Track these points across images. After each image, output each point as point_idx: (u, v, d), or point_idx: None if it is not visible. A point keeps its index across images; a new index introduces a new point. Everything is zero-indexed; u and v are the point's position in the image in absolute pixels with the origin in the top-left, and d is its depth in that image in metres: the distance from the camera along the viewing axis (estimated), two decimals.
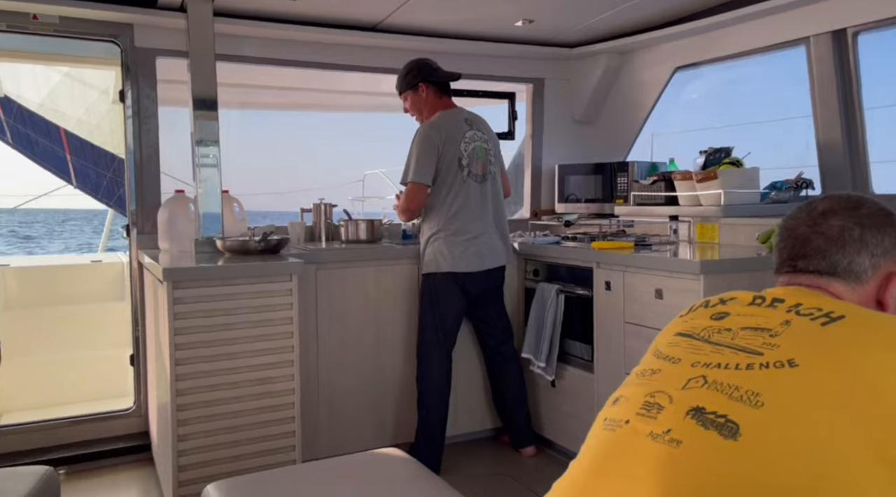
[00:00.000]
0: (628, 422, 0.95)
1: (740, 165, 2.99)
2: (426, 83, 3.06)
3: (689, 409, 0.90)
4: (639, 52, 3.81)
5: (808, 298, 1.03)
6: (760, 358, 0.92)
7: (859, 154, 2.90)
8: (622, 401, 1.01)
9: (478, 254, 2.98)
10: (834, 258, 1.10)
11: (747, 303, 1.06)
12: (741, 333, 0.98)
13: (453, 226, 2.96)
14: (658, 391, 0.96)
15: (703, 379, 0.93)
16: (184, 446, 2.50)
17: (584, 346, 3.00)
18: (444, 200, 2.97)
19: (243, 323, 2.58)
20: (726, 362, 0.94)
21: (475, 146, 3.01)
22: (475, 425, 3.36)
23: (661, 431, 0.90)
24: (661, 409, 0.93)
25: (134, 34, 3.17)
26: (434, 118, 3.04)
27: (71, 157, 4.60)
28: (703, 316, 1.09)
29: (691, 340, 1.03)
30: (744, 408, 0.87)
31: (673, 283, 2.48)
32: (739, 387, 0.89)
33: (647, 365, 1.05)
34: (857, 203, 1.14)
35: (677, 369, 0.98)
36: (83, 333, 4.03)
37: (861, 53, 2.83)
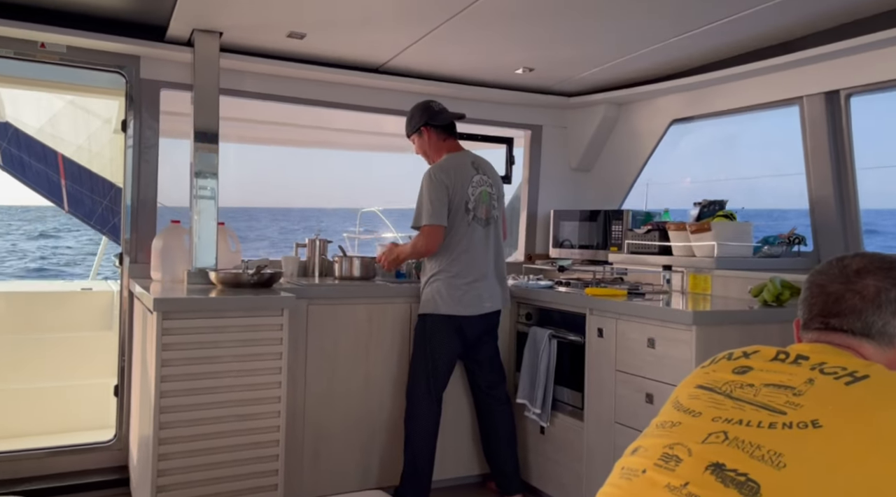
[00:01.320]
0: (645, 472, 0.94)
1: (734, 219, 3.02)
2: (427, 127, 3.10)
3: (709, 465, 0.89)
4: (636, 104, 3.88)
5: (833, 357, 1.02)
6: (784, 417, 0.91)
7: (851, 213, 2.93)
8: (641, 451, 0.99)
9: (477, 297, 2.98)
10: (870, 319, 1.08)
11: (770, 358, 1.05)
12: (763, 390, 0.97)
13: (455, 268, 2.96)
14: (677, 443, 0.95)
15: (724, 435, 0.92)
16: (163, 482, 2.44)
17: (573, 393, 2.97)
18: (448, 242, 2.97)
19: (232, 356, 2.55)
20: (748, 419, 0.93)
21: (482, 190, 3.04)
22: (462, 470, 3.30)
23: (679, 484, 0.88)
24: (679, 461, 0.92)
25: (140, 66, 3.21)
26: (442, 161, 3.05)
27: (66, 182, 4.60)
28: (726, 369, 1.07)
29: (712, 394, 1.02)
30: (765, 468, 0.85)
31: (665, 332, 2.47)
32: (762, 446, 0.88)
33: (667, 416, 1.04)
34: (892, 264, 1.13)
35: (697, 423, 0.97)
36: (68, 362, 3.97)
37: (853, 115, 2.89)
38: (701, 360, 2.33)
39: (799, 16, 2.71)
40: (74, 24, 2.96)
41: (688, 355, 2.36)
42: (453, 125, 3.14)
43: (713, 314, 2.41)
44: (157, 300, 2.43)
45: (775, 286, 2.56)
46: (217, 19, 2.91)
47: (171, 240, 3.14)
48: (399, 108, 3.76)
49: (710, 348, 2.35)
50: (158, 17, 2.96)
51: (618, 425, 2.69)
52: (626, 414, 2.64)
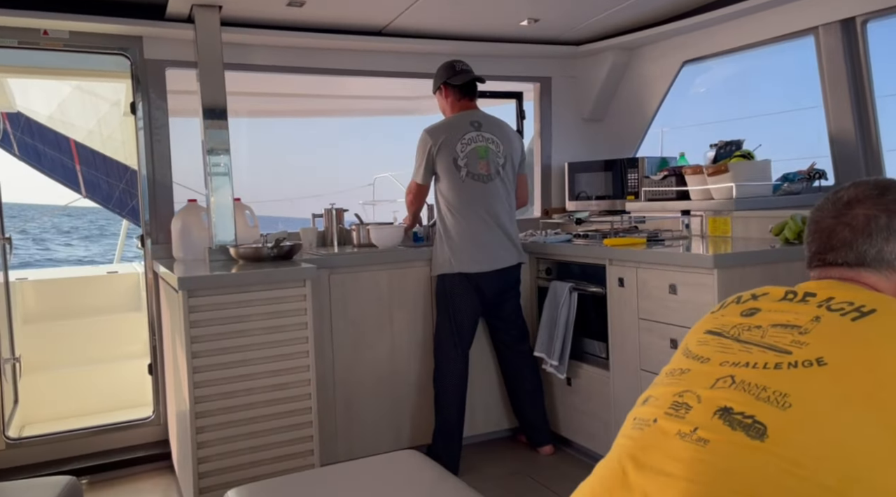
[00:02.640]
0: (656, 421, 0.95)
1: (752, 158, 2.97)
2: (446, 86, 3.10)
3: (717, 409, 0.90)
4: (645, 48, 3.80)
5: (840, 291, 1.01)
6: (789, 357, 0.91)
7: (872, 143, 2.87)
8: (651, 400, 1.00)
9: (486, 253, 2.99)
10: (861, 248, 1.07)
11: (779, 298, 1.05)
12: (770, 331, 0.97)
13: (456, 226, 2.99)
14: (686, 390, 0.96)
15: (731, 378, 0.93)
16: (203, 453, 2.52)
17: (598, 344, 2.99)
18: (447, 201, 3.01)
19: (258, 329, 2.60)
20: (755, 361, 0.93)
21: (475, 147, 3.02)
22: (492, 425, 3.36)
23: (689, 430, 0.89)
24: (689, 408, 0.93)
25: (143, 46, 3.20)
26: (444, 120, 3.07)
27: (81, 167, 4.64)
28: (734, 312, 1.07)
29: (721, 338, 1.02)
30: (771, 409, 0.86)
31: (686, 277, 2.47)
32: (767, 387, 0.88)
33: (677, 364, 1.04)
34: (884, 189, 1.11)
35: (706, 368, 0.98)
36: (101, 344, 4.08)
37: (871, 41, 2.80)
38: None
39: None
40: (75, 8, 2.95)
41: (710, 299, 2.36)
42: (472, 86, 3.13)
43: (734, 256, 2.40)
44: (181, 279, 2.47)
45: (796, 223, 2.53)
46: None
47: (190, 218, 3.17)
48: (405, 70, 3.72)
49: (732, 290, 2.34)
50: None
51: (643, 372, 2.70)
52: (651, 361, 2.66)
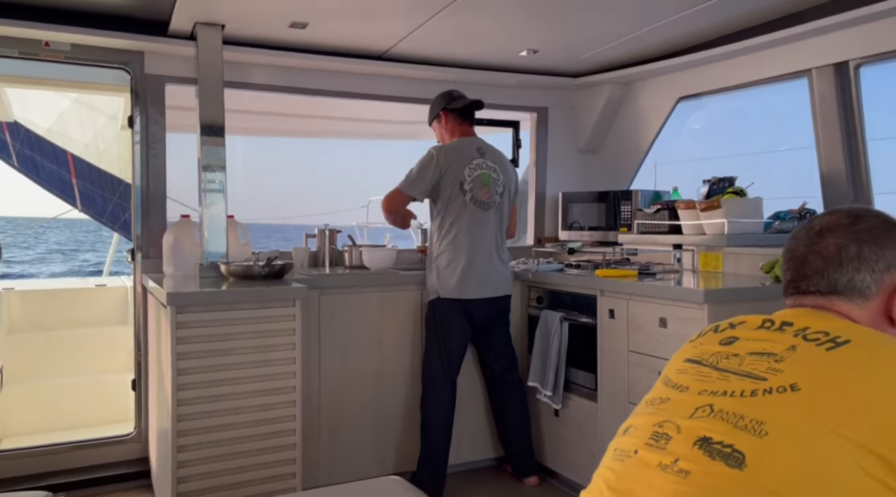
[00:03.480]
0: (637, 452, 0.95)
1: (744, 195, 3.00)
2: (445, 111, 3.13)
3: (697, 439, 0.90)
4: (642, 83, 3.85)
5: (815, 321, 1.02)
6: (765, 383, 0.92)
7: (863, 185, 2.90)
8: (632, 430, 1.00)
9: (478, 281, 2.99)
10: (832, 277, 1.08)
11: (756, 326, 1.06)
12: (748, 359, 0.98)
13: (453, 250, 2.98)
14: (666, 420, 0.96)
15: (710, 407, 0.93)
16: (183, 473, 2.48)
17: (587, 375, 2.98)
18: (445, 223, 3.00)
19: (246, 348, 2.58)
20: (732, 389, 0.94)
21: (481, 173, 3.03)
22: (478, 454, 3.32)
23: (670, 462, 0.90)
24: (669, 439, 0.93)
25: (144, 61, 3.21)
26: (447, 144, 3.09)
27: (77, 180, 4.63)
28: (713, 341, 1.08)
29: (699, 367, 1.03)
30: (748, 437, 0.87)
31: (677, 311, 2.47)
32: (745, 415, 0.89)
33: (657, 393, 1.05)
34: (856, 218, 1.11)
35: (685, 398, 0.98)
36: (85, 358, 4.02)
37: (863, 85, 2.85)
38: None
39: None
40: (78, 21, 2.97)
41: None
42: (471, 112, 3.16)
43: (725, 292, 2.41)
44: (170, 294, 2.45)
45: None
46: (218, 12, 2.91)
47: (182, 234, 3.16)
48: (404, 95, 3.76)
49: None
50: (160, 11, 2.97)
51: (631, 405, 2.69)
52: (640, 394, 2.64)
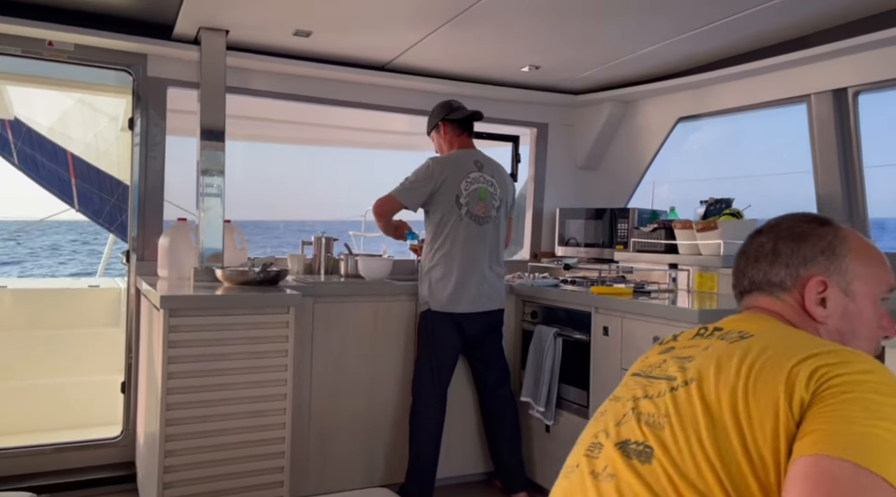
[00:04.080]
0: (578, 465, 1.00)
1: (740, 217, 3.01)
2: (445, 122, 3.13)
3: (618, 443, 0.96)
4: (642, 102, 3.87)
5: (743, 323, 1.04)
6: (674, 382, 0.97)
7: (859, 211, 2.92)
8: (577, 445, 1.06)
9: (471, 295, 2.99)
10: (750, 274, 1.12)
11: (691, 336, 1.10)
12: (670, 362, 1.02)
13: (446, 263, 2.98)
14: (601, 431, 1.02)
15: (633, 411, 0.99)
16: (170, 478, 2.45)
17: (579, 392, 2.97)
18: (440, 236, 3.00)
19: (238, 354, 2.56)
20: (652, 392, 0.99)
21: (477, 187, 3.04)
22: (467, 468, 3.31)
23: (601, 469, 0.94)
24: (601, 448, 0.98)
25: (147, 64, 3.22)
26: (446, 155, 3.10)
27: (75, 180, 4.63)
28: (655, 353, 1.12)
29: (638, 378, 1.08)
30: (656, 431, 0.92)
31: (671, 331, 2.46)
32: (655, 413, 0.95)
33: (601, 407, 1.11)
34: (785, 219, 1.15)
35: (617, 407, 1.05)
36: (75, 358, 4.00)
37: (861, 112, 2.87)
38: None
39: (806, 13, 2.69)
40: (82, 22, 2.98)
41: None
42: (470, 124, 3.17)
43: (719, 313, 2.41)
44: (163, 297, 2.44)
45: None
46: (223, 17, 2.92)
47: (178, 237, 3.15)
48: (405, 106, 3.77)
49: None
50: (165, 15, 2.98)
51: None
52: None
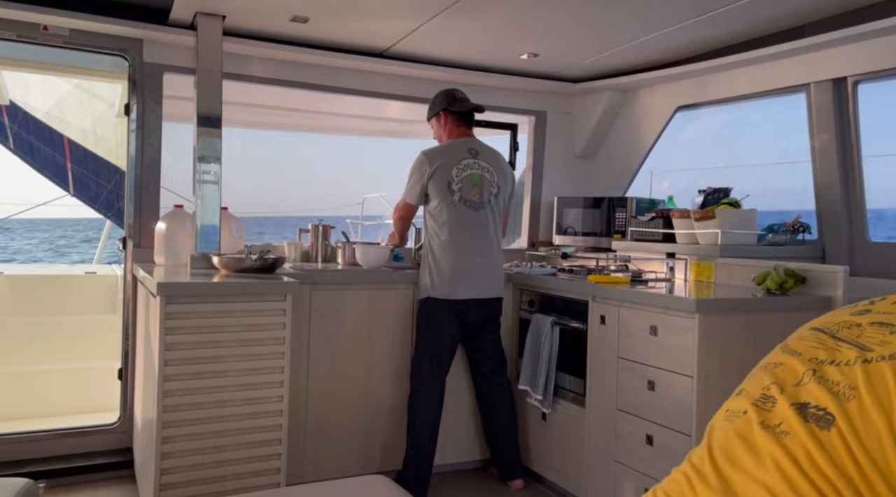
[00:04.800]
0: (746, 412, 0.99)
1: (738, 206, 3.01)
2: (446, 112, 3.12)
3: (795, 403, 0.95)
4: (641, 90, 3.85)
5: None
6: (870, 353, 0.95)
7: (857, 201, 2.92)
8: (743, 393, 1.05)
9: (470, 281, 2.99)
10: None
11: (893, 301, 1.07)
12: (868, 329, 1.01)
13: (445, 251, 2.98)
14: (774, 383, 1.00)
15: (814, 374, 0.98)
16: (167, 464, 2.46)
17: (576, 380, 2.98)
18: (436, 224, 3.02)
19: (235, 341, 2.56)
20: (839, 359, 0.98)
21: (471, 173, 3.03)
22: (463, 455, 3.32)
23: (774, 424, 0.94)
24: (774, 402, 0.97)
25: (143, 49, 3.19)
26: (441, 144, 3.10)
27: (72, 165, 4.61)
28: (844, 313, 1.10)
29: (819, 334, 1.06)
30: (841, 402, 0.91)
31: (668, 320, 2.47)
32: (840, 382, 0.93)
33: (772, 358, 1.09)
34: None
35: (795, 364, 1.03)
36: (72, 345, 4.00)
37: (861, 102, 2.86)
38: (703, 348, 2.33)
39: (805, 2, 2.68)
40: (78, 6, 2.95)
41: (690, 343, 2.36)
42: (471, 115, 3.16)
43: (716, 302, 2.41)
44: (160, 285, 2.43)
45: (779, 274, 2.56)
46: (220, 2, 2.89)
47: (175, 224, 3.14)
48: (403, 93, 3.75)
49: (712, 336, 2.34)
50: (161, 0, 2.95)
51: (619, 412, 2.69)
52: (628, 401, 2.65)
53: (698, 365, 2.33)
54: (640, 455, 2.57)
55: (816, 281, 2.58)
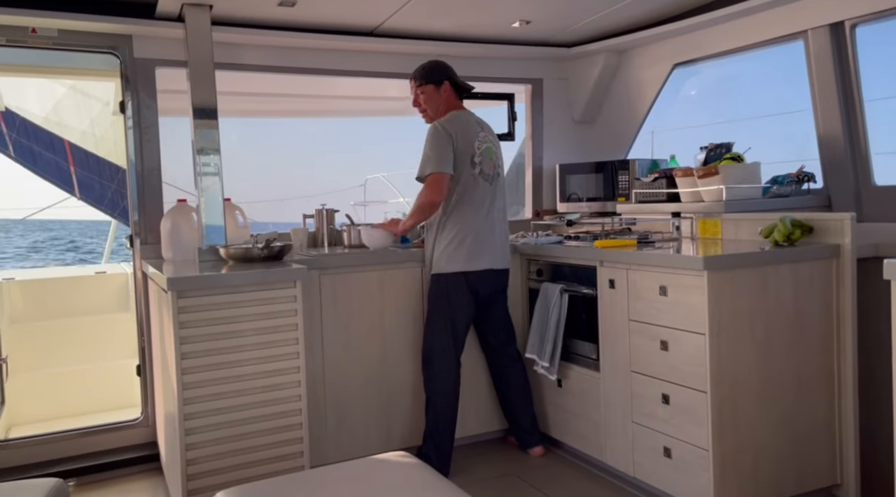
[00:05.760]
0: None
1: (741, 161, 2.99)
2: (450, 82, 3.08)
3: None
4: (636, 50, 3.81)
5: None
6: None
7: (860, 146, 2.89)
8: None
9: (486, 253, 2.99)
10: None
11: None
12: None
13: (463, 223, 2.97)
14: None
15: None
16: (192, 455, 2.50)
17: (589, 345, 3.00)
18: (453, 197, 2.98)
19: (248, 330, 2.59)
20: None
21: (487, 147, 3.05)
22: (482, 427, 3.36)
23: None
24: None
25: (133, 45, 3.18)
26: (447, 116, 3.04)
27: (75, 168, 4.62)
28: None
29: None
30: None
31: (677, 279, 2.47)
32: None
33: None
34: None
35: None
36: (89, 345, 4.05)
37: (859, 45, 2.82)
38: (714, 305, 2.34)
39: None
40: (64, 6, 2.93)
41: (701, 301, 2.36)
42: (463, 91, 3.14)
43: (724, 258, 2.41)
44: (170, 279, 2.45)
45: (786, 226, 2.55)
46: None
47: (179, 219, 3.15)
48: (397, 71, 3.72)
49: (723, 293, 2.35)
50: None
51: (634, 374, 2.71)
52: (642, 362, 2.66)
53: (710, 321, 2.33)
54: (657, 414, 2.59)
55: (824, 230, 2.57)
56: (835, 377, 2.58)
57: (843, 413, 2.57)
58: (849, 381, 2.55)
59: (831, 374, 2.57)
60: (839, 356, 2.57)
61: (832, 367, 2.57)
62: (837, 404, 2.58)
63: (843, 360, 2.56)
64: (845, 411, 2.56)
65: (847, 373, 2.55)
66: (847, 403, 2.56)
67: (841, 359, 2.57)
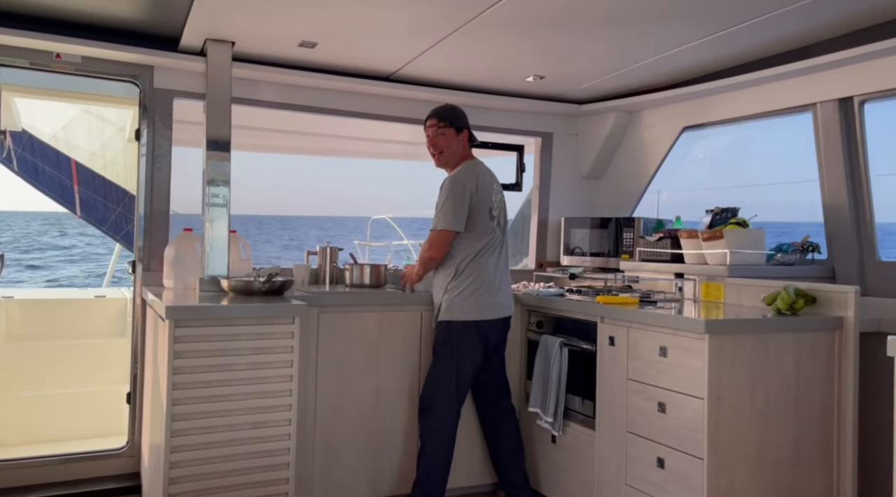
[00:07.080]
0: None
1: (746, 226, 3.00)
2: (468, 131, 3.12)
3: None
4: (647, 111, 3.87)
5: None
6: None
7: (866, 219, 2.91)
8: None
9: (498, 302, 2.99)
10: None
11: None
12: None
13: (479, 274, 2.96)
14: None
15: None
16: (175, 489, 2.45)
17: (585, 402, 2.96)
18: (470, 247, 2.96)
19: (243, 364, 2.56)
20: None
21: (499, 198, 3.11)
22: (473, 480, 3.28)
23: None
24: None
25: (154, 76, 3.23)
26: (468, 167, 3.04)
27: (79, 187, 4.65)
28: None
29: None
30: None
31: (678, 341, 2.45)
32: None
33: None
34: None
35: None
36: (81, 369, 4.00)
37: (867, 121, 2.86)
38: (714, 369, 2.31)
39: (811, 22, 2.69)
40: (90, 34, 3.00)
41: (700, 364, 2.34)
42: (473, 144, 3.18)
43: (726, 323, 2.40)
44: (169, 308, 2.44)
45: (789, 294, 2.54)
46: (229, 29, 2.93)
47: (184, 248, 3.16)
48: (410, 116, 3.78)
49: (723, 357, 2.33)
50: (172, 27, 2.99)
51: (629, 434, 2.66)
52: (638, 423, 2.62)
53: (709, 386, 2.31)
54: (652, 478, 2.54)
55: (827, 301, 2.56)
56: (834, 451, 2.53)
57: (841, 488, 2.52)
58: (848, 456, 2.50)
59: (831, 448, 2.53)
60: (839, 429, 2.53)
61: (832, 440, 2.53)
62: (836, 479, 2.53)
63: (843, 433, 2.52)
64: (843, 487, 2.51)
65: (847, 447, 2.51)
66: (846, 479, 2.51)
67: (841, 432, 2.53)
